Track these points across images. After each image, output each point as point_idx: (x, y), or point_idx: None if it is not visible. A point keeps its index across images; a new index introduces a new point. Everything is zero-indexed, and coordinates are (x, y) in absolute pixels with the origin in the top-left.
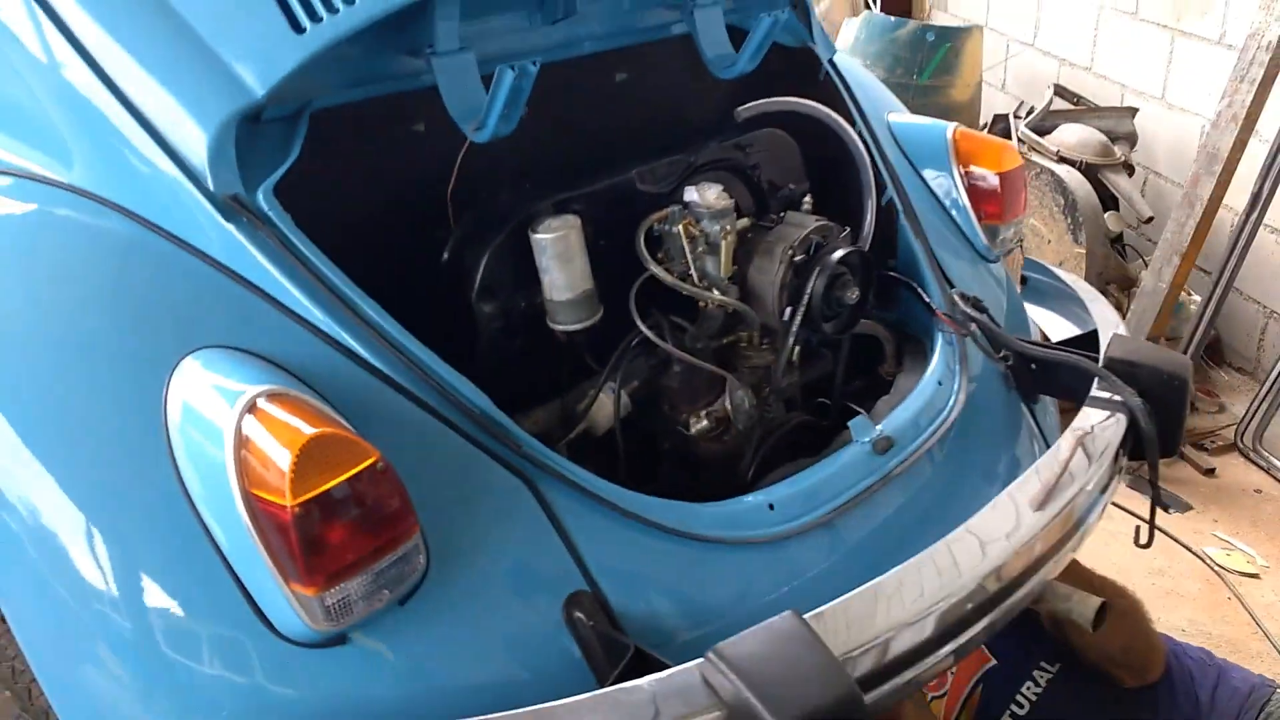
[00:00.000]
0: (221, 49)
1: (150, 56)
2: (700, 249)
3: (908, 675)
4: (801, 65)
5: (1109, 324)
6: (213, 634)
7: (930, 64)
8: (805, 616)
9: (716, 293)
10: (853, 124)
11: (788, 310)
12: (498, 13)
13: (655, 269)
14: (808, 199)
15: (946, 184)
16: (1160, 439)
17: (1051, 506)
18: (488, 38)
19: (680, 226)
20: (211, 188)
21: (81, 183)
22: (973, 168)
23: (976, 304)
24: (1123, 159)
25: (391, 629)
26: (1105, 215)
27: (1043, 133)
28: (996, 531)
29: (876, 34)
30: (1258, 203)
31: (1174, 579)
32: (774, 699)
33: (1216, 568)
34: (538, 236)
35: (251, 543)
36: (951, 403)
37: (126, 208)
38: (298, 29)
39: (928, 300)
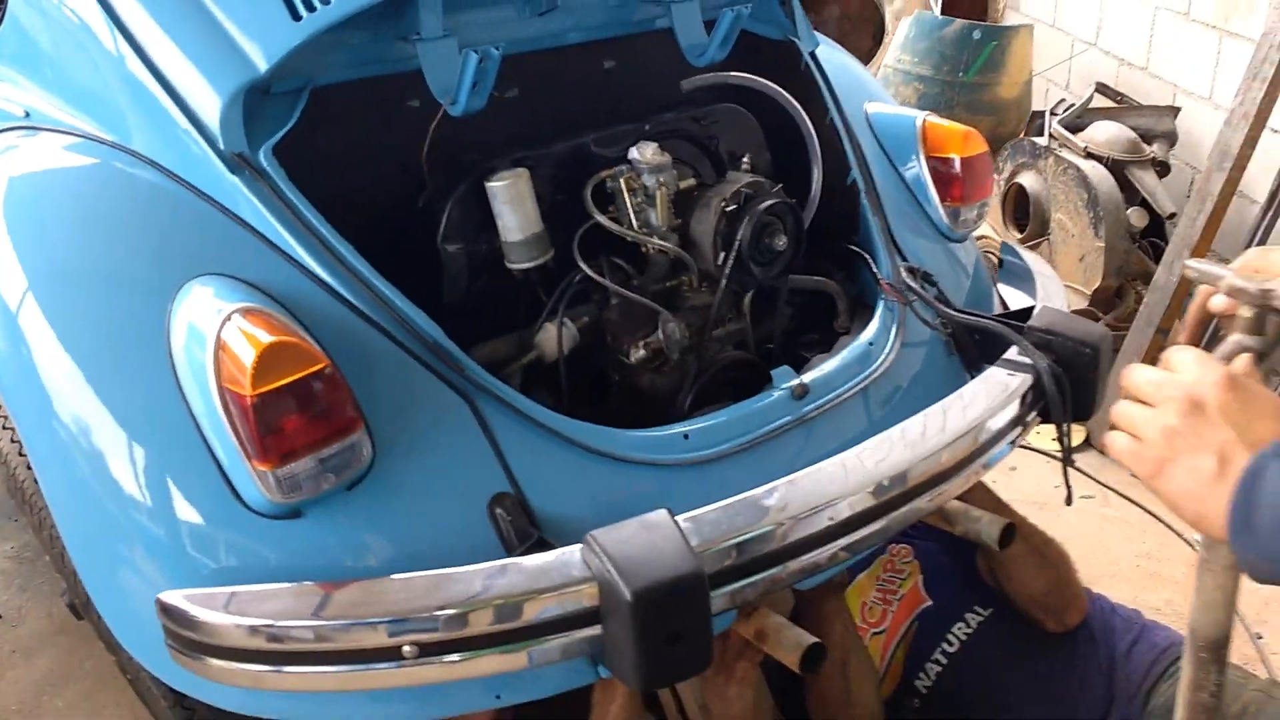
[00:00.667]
0: (234, 32)
1: (183, 40)
2: (640, 200)
3: (776, 571)
4: (784, 56)
5: (1047, 297)
6: (198, 507)
7: (976, 62)
8: (680, 516)
9: (656, 239)
10: (826, 111)
11: (721, 255)
12: (486, 6)
13: (598, 216)
14: (746, 160)
15: (915, 169)
16: (1075, 402)
17: (936, 438)
18: (478, 27)
19: (623, 181)
20: (222, 147)
21: (129, 143)
22: (940, 154)
23: (925, 277)
24: (1151, 156)
25: (339, 508)
26: (1129, 211)
27: (1078, 130)
28: (876, 455)
29: (925, 32)
30: (1275, 200)
31: (1160, 563)
32: (628, 572)
33: None
34: (490, 184)
35: (225, 428)
36: (879, 361)
37: (159, 162)
38: (295, 16)
39: (875, 270)
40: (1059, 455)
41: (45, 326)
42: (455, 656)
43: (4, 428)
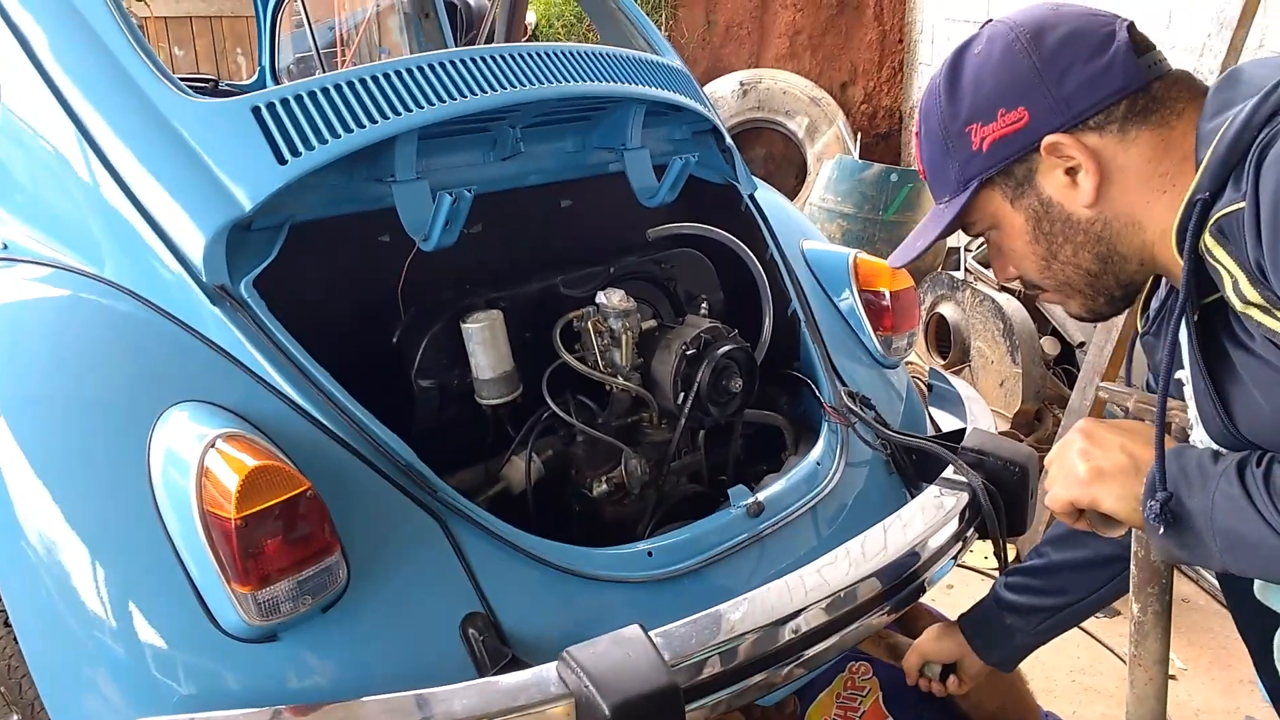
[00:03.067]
0: (221, 174)
1: (166, 178)
2: (606, 342)
3: (743, 685)
4: (726, 198)
5: (975, 420)
6: (171, 631)
7: (895, 202)
8: (651, 631)
9: (620, 379)
10: (766, 249)
11: (681, 395)
12: (455, 151)
13: (567, 357)
14: (705, 305)
15: (849, 301)
16: (1009, 518)
17: (881, 557)
18: (447, 170)
19: (590, 323)
20: (205, 279)
21: (106, 274)
22: (871, 288)
23: (864, 401)
24: None
25: (315, 631)
26: (1041, 340)
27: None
28: (831, 572)
29: (846, 175)
30: None
31: (1094, 677)
32: (605, 687)
33: None
34: (466, 325)
35: (205, 552)
36: (827, 480)
37: (138, 293)
38: (281, 160)
39: (818, 395)
40: (992, 573)
41: (16, 451)
42: None
43: None
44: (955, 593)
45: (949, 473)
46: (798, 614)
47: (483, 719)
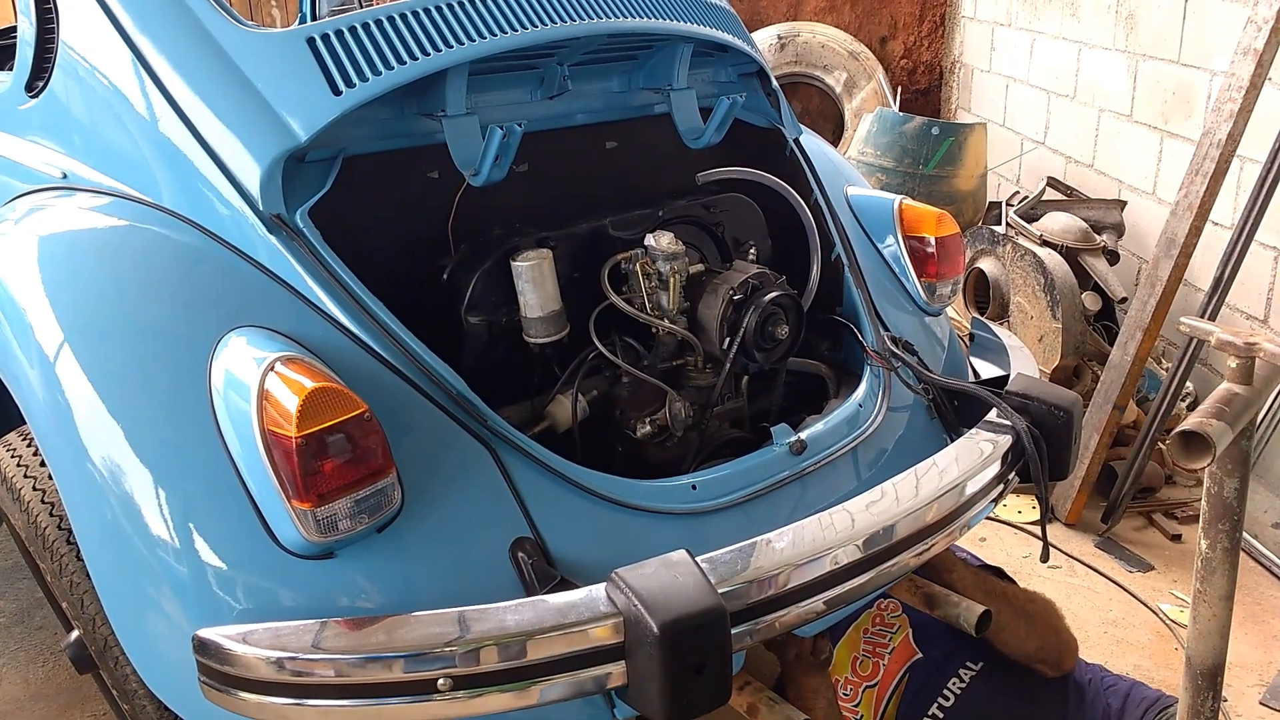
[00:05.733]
0: (277, 105)
1: (223, 109)
2: (654, 284)
3: (784, 613)
4: (770, 142)
5: (1020, 366)
6: (232, 549)
7: (935, 156)
8: (698, 557)
9: (666, 321)
10: (810, 193)
11: (727, 340)
12: (503, 88)
13: (614, 298)
14: (753, 250)
15: (893, 247)
16: (1051, 462)
17: (924, 495)
18: (495, 107)
19: (638, 265)
20: (261, 208)
21: (164, 202)
22: (916, 234)
23: (906, 346)
24: (1102, 245)
25: (370, 550)
26: (1083, 295)
27: (1033, 220)
28: (874, 508)
29: (887, 128)
30: (1219, 286)
31: (1126, 629)
32: (654, 606)
33: (1168, 621)
34: (515, 264)
35: (265, 470)
36: (869, 422)
37: (196, 221)
38: (335, 91)
39: (861, 339)
40: (1025, 526)
41: (80, 374)
42: (475, 691)
43: (25, 475)
44: (988, 545)
45: (992, 416)
46: (839, 547)
47: (534, 634)
